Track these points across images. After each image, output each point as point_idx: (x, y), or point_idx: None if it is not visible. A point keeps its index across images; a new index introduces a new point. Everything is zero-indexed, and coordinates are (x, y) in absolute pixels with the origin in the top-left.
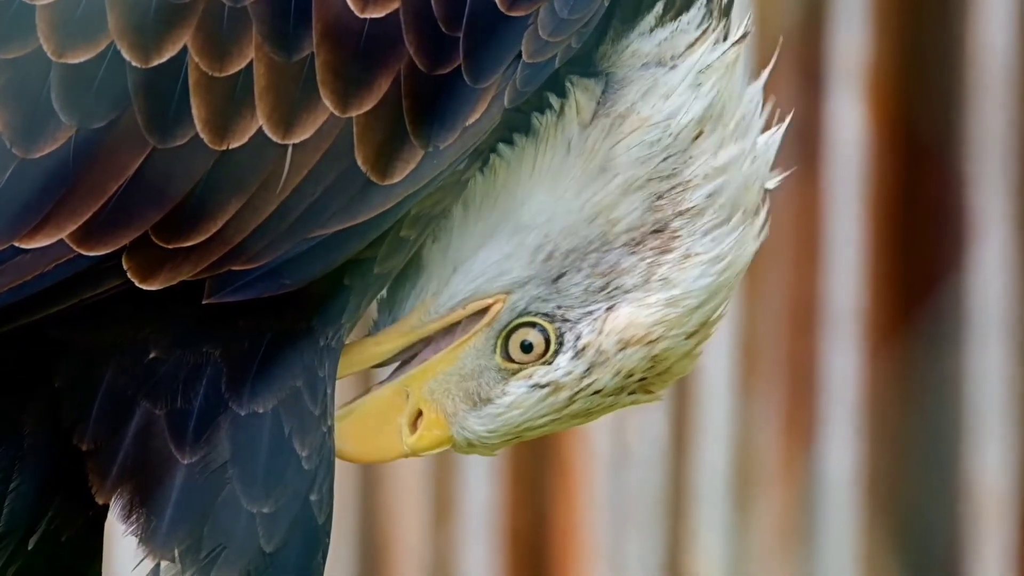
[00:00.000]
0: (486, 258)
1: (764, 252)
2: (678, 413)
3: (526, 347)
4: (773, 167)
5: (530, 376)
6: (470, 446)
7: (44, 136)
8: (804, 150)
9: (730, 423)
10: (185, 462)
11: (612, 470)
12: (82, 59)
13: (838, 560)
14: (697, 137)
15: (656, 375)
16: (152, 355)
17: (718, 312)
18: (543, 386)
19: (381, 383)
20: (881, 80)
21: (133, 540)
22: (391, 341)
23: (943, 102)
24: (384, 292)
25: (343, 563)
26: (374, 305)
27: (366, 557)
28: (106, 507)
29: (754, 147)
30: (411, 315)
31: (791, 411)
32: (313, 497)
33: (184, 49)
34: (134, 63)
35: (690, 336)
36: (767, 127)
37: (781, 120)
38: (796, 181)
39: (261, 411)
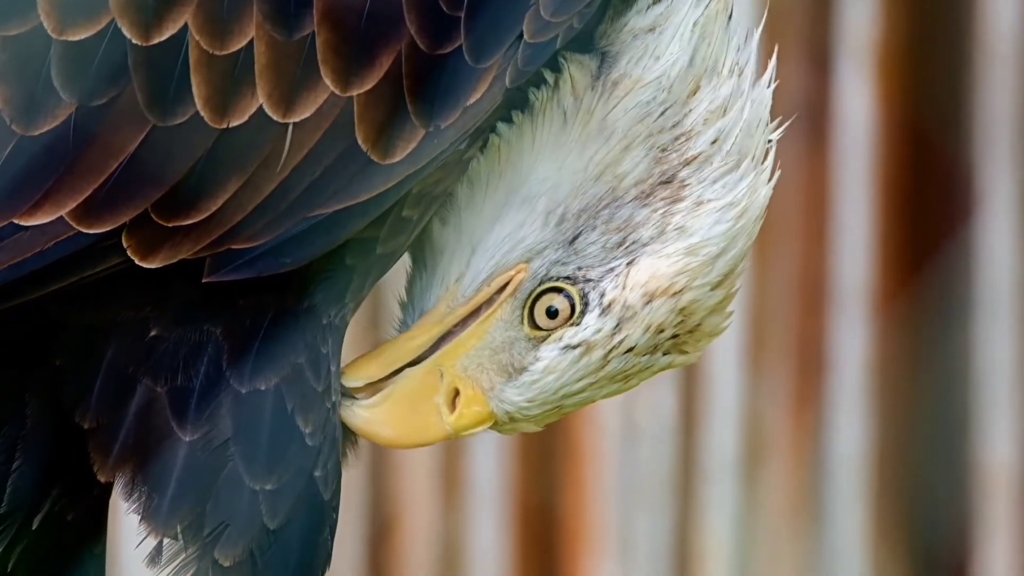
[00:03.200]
0: (500, 232)
1: (772, 229)
2: (687, 391)
3: (551, 313)
4: (777, 151)
5: (560, 338)
6: (512, 420)
7: (44, 113)
8: (812, 127)
9: (738, 401)
10: (187, 439)
11: (621, 447)
12: (83, 36)
13: (846, 537)
14: (695, 92)
15: (688, 332)
16: (153, 333)
17: (741, 263)
18: (575, 347)
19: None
20: (889, 58)
21: (136, 518)
22: (424, 333)
23: (951, 80)
24: (403, 292)
25: (351, 541)
26: (397, 306)
27: (374, 535)
28: (110, 487)
29: (750, 91)
30: (438, 305)
31: (799, 389)
32: (318, 473)
33: (185, 27)
34: (135, 40)
35: (715, 287)
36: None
37: (791, 97)
38: (804, 158)
39: (263, 388)
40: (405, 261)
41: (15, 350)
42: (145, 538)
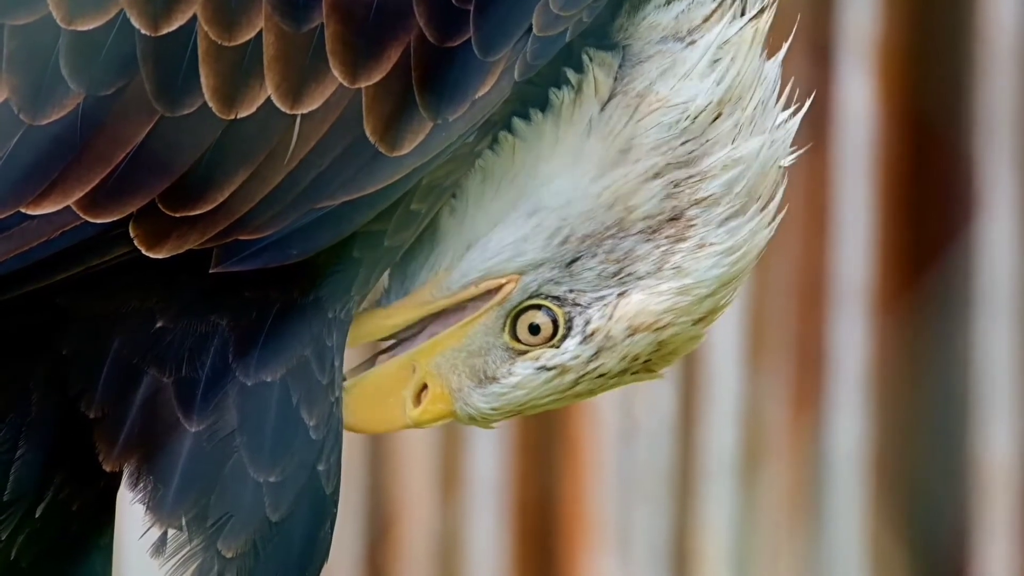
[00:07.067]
0: (502, 238)
1: None
2: (686, 388)
3: (533, 329)
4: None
5: (537, 358)
6: (471, 420)
7: (52, 103)
8: (813, 126)
9: (738, 398)
10: (192, 430)
11: (620, 444)
12: (91, 26)
13: (845, 535)
14: (715, 120)
15: (660, 356)
16: (159, 324)
17: (726, 300)
18: (549, 368)
19: (384, 352)
20: (890, 55)
21: (140, 508)
22: (401, 314)
23: (952, 77)
24: (398, 259)
25: (350, 534)
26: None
27: (373, 528)
28: (117, 478)
29: (772, 132)
30: (423, 289)
31: (799, 386)
32: (321, 467)
33: (193, 18)
34: (143, 31)
35: (697, 322)
36: (784, 107)
37: (797, 99)
38: (805, 157)
39: (269, 380)
40: None
41: (21, 339)
42: (150, 528)
